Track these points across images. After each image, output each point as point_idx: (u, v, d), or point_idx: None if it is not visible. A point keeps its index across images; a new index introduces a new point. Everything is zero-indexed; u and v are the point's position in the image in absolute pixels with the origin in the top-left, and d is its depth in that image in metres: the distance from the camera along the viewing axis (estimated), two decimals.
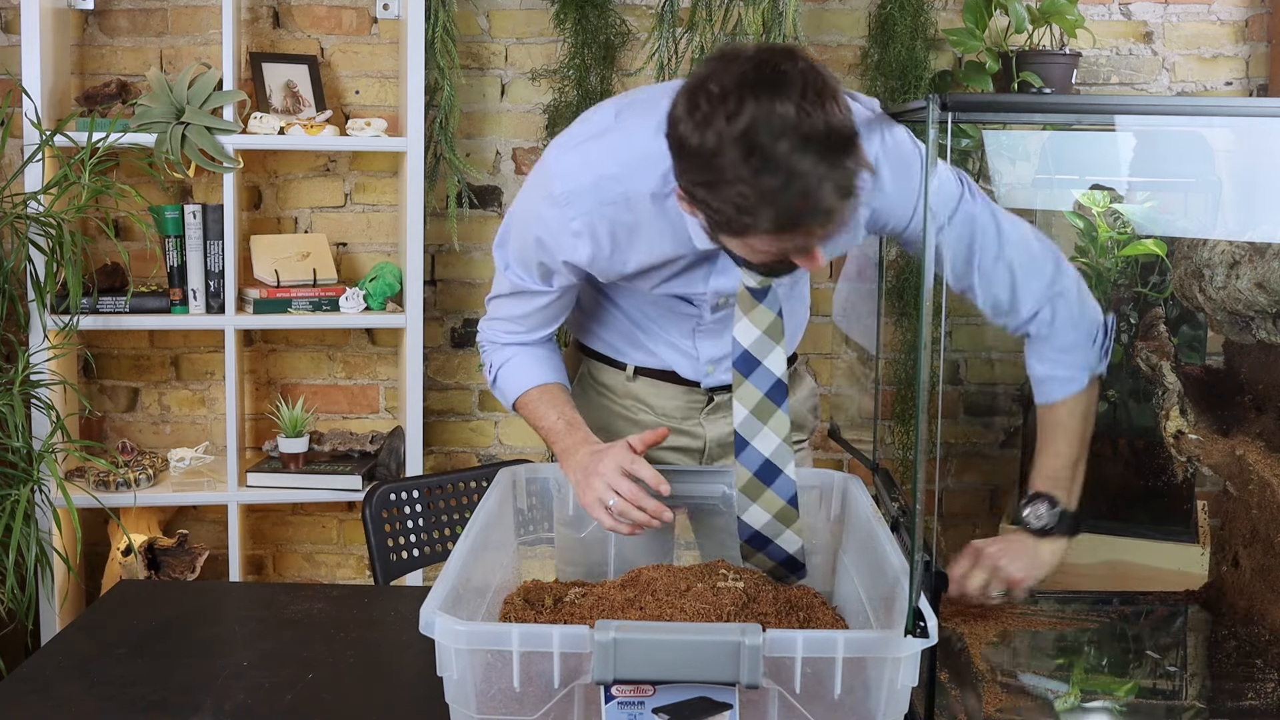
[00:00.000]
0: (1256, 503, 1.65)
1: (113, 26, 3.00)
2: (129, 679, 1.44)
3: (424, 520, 2.11)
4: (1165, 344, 1.86)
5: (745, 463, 1.53)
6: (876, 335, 2.02)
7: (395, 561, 2.06)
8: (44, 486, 2.62)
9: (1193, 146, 1.80)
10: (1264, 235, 1.56)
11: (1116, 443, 2.63)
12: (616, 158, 1.50)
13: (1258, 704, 1.47)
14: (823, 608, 1.39)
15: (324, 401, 3.16)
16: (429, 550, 2.11)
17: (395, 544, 2.06)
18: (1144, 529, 2.56)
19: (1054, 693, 1.54)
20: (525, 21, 3.09)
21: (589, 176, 1.50)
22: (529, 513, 1.65)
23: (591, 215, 1.51)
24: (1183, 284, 1.70)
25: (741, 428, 1.53)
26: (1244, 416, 1.74)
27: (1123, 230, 2.40)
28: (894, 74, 3.01)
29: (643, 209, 1.50)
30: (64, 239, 2.63)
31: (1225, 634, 1.69)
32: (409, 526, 2.09)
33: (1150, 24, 3.16)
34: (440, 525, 2.13)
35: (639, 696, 1.08)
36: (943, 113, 1.13)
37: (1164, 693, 1.54)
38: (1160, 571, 2.51)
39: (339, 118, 3.02)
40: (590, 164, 1.51)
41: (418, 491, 2.12)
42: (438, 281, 3.15)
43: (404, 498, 2.09)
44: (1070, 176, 2.22)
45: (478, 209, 3.13)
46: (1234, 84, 3.18)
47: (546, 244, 1.55)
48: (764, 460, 1.52)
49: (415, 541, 2.09)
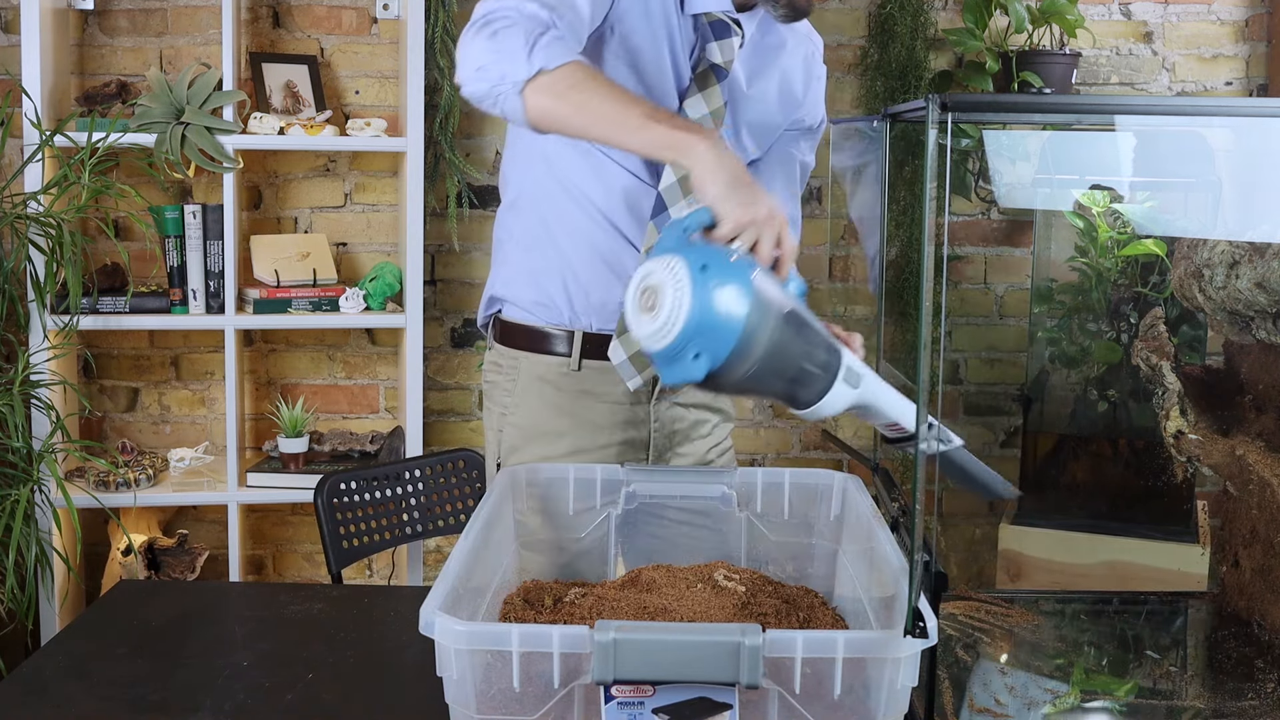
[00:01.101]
0: (1256, 503, 1.65)
1: (113, 26, 3.00)
2: (129, 679, 1.44)
3: (374, 509, 2.30)
4: (1165, 344, 1.86)
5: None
6: (878, 335, 2.02)
7: (347, 549, 2.23)
8: (44, 486, 2.63)
9: (1193, 146, 1.80)
10: (1264, 235, 1.56)
11: (1116, 443, 2.63)
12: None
13: (1258, 704, 1.47)
14: (823, 608, 1.39)
15: (324, 401, 3.16)
16: (378, 537, 2.30)
17: (346, 531, 2.24)
18: (1144, 529, 2.56)
19: (1054, 693, 1.54)
20: None
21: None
22: (529, 513, 1.65)
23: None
24: (1183, 284, 1.70)
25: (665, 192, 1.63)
26: (1244, 416, 1.74)
27: (1123, 230, 2.40)
28: (894, 74, 3.01)
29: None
30: (64, 239, 2.63)
31: (1225, 634, 1.69)
32: (359, 515, 2.27)
33: (1150, 24, 3.16)
34: (389, 513, 2.32)
35: (639, 697, 1.08)
36: (943, 113, 1.13)
37: (1164, 693, 1.54)
38: (1160, 571, 2.51)
39: (339, 118, 3.02)
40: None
41: (366, 481, 2.30)
42: (438, 281, 3.15)
43: (354, 487, 2.27)
44: (1070, 176, 2.22)
45: (478, 209, 3.13)
46: (1234, 84, 3.18)
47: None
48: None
49: (366, 529, 2.28)
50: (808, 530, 1.57)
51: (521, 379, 1.79)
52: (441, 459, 2.42)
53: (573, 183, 1.72)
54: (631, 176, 1.71)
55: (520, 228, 1.78)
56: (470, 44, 1.45)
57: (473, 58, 1.44)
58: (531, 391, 1.78)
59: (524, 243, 1.77)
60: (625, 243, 1.73)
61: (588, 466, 1.62)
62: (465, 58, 1.45)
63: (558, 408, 1.77)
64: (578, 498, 1.59)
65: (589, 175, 1.71)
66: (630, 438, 1.79)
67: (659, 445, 1.81)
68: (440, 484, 2.39)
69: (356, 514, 2.26)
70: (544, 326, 1.76)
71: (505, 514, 1.55)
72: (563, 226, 1.73)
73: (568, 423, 1.76)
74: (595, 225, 1.72)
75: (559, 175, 1.72)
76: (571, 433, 1.76)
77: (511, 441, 1.80)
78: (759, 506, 1.57)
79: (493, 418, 1.84)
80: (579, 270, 1.74)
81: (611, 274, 1.73)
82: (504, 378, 1.81)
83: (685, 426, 1.84)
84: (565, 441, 1.76)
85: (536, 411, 1.77)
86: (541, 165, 1.73)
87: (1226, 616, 1.72)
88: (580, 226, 1.72)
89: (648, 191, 1.71)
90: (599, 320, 1.74)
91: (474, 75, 1.44)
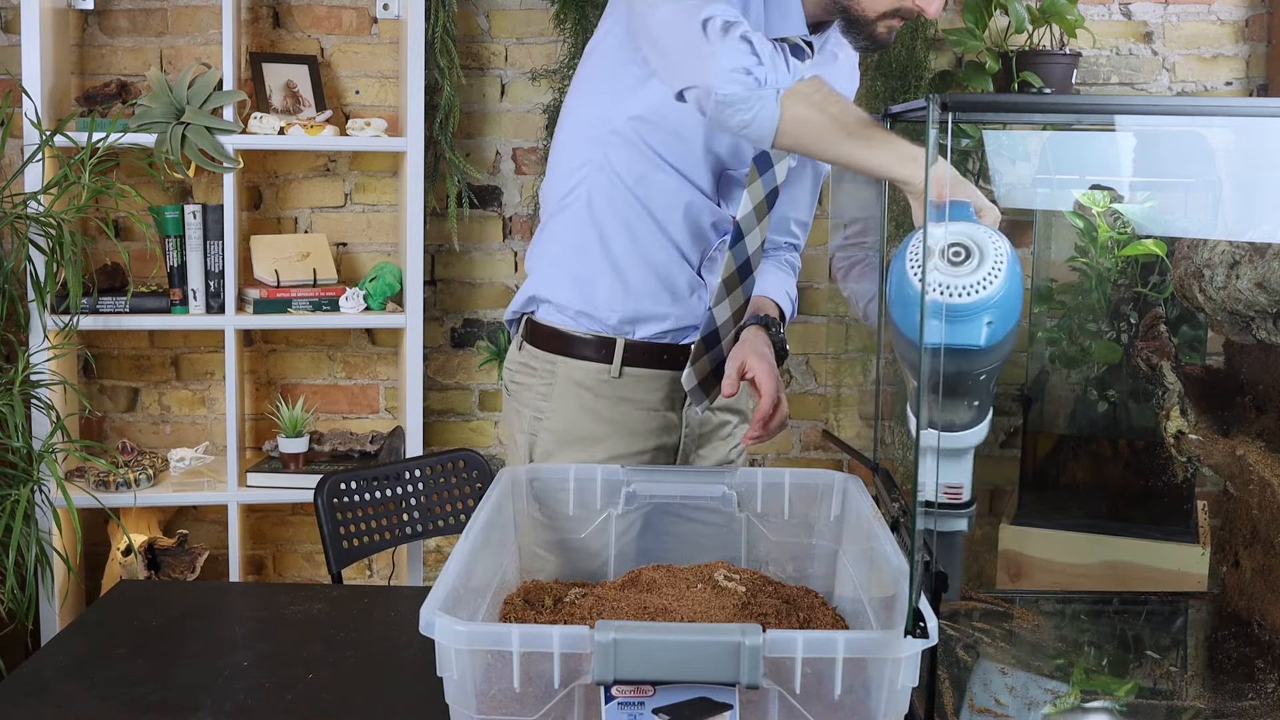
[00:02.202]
0: (1256, 503, 1.65)
1: (113, 26, 3.00)
2: (129, 679, 1.44)
3: (374, 509, 2.31)
4: (1165, 344, 1.85)
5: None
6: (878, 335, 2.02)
7: (347, 549, 2.24)
8: (44, 486, 2.62)
9: (1193, 146, 1.79)
10: (1264, 235, 1.56)
11: (1116, 443, 2.63)
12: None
13: (1258, 704, 1.47)
14: (823, 608, 1.39)
15: (324, 401, 3.16)
16: (378, 537, 2.31)
17: (346, 531, 2.25)
18: (1144, 529, 2.56)
19: (1054, 693, 1.54)
20: (525, 21, 3.09)
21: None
22: (529, 513, 1.65)
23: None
24: (1183, 284, 1.70)
25: (743, 220, 1.70)
26: (1244, 416, 1.74)
27: (1123, 230, 2.40)
28: (894, 74, 3.01)
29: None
30: (64, 239, 2.63)
31: (1225, 634, 1.69)
32: (359, 515, 2.28)
33: (1150, 24, 3.16)
34: (389, 513, 2.33)
35: (639, 697, 1.08)
36: (943, 113, 1.13)
37: (1164, 693, 1.54)
38: (1160, 571, 2.51)
39: (339, 118, 3.02)
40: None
41: (366, 481, 2.31)
42: (438, 281, 3.15)
43: (354, 487, 2.28)
44: (1070, 176, 2.22)
45: (478, 209, 3.13)
46: (1234, 84, 3.18)
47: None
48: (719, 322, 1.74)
49: (366, 529, 2.29)
50: (808, 530, 1.57)
51: (558, 383, 1.79)
52: (441, 459, 2.42)
53: (637, 195, 1.73)
54: (697, 193, 1.74)
55: (571, 233, 1.78)
56: (721, 44, 1.46)
57: (732, 58, 1.45)
58: (569, 396, 1.79)
59: (573, 247, 1.78)
60: (680, 257, 1.76)
61: (588, 467, 1.62)
62: (719, 57, 1.45)
63: (596, 414, 1.78)
64: (578, 498, 1.59)
65: (655, 189, 1.73)
66: (663, 443, 1.83)
67: (686, 449, 1.84)
68: (440, 484, 2.39)
69: (356, 514, 2.27)
70: (584, 333, 1.78)
71: (505, 514, 1.54)
72: (619, 236, 1.75)
73: (606, 428, 1.78)
74: (653, 238, 1.75)
75: (624, 186, 1.73)
76: (609, 438, 1.77)
77: (546, 446, 1.80)
78: (759, 506, 1.57)
79: (523, 420, 1.84)
80: (630, 279, 1.76)
81: (662, 286, 1.77)
82: (538, 380, 1.81)
83: (710, 429, 1.86)
84: (602, 447, 1.78)
85: (575, 418, 1.78)
86: (603, 175, 1.74)
87: (1226, 616, 1.72)
88: (638, 237, 1.75)
89: (709, 208, 1.75)
90: (644, 330, 1.77)
91: (737, 78, 1.44)
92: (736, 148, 1.73)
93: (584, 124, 1.76)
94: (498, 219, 3.15)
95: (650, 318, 1.77)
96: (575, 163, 1.77)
